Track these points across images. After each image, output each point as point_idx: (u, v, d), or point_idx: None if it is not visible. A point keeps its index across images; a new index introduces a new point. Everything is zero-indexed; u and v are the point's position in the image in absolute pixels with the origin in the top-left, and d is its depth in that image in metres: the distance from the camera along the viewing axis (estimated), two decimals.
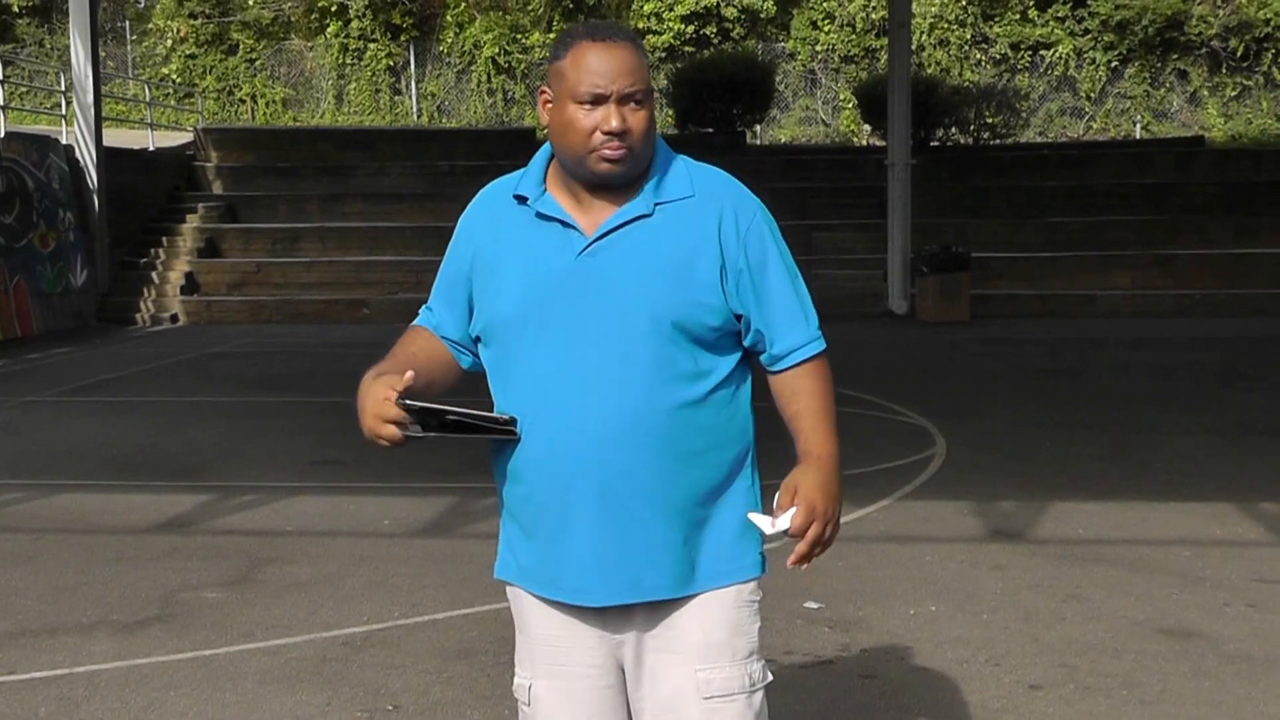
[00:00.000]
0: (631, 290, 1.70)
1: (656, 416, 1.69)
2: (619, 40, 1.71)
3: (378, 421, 1.68)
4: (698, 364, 1.73)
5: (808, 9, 21.92)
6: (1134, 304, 13.47)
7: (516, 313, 1.74)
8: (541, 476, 1.73)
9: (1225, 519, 5.10)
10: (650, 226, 1.73)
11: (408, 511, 5.42)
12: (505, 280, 1.76)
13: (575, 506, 1.71)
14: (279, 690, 3.39)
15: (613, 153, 1.69)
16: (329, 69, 22.26)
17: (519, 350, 1.75)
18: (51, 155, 13.65)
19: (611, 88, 1.68)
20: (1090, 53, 21.13)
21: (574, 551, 1.73)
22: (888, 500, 5.40)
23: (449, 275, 1.87)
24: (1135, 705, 3.23)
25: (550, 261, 1.73)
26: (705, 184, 1.78)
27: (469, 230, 1.86)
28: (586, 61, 1.69)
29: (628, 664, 1.80)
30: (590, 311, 1.71)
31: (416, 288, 14.62)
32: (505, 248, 1.78)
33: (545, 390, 1.72)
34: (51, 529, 5.18)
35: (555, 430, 1.71)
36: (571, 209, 1.75)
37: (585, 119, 1.69)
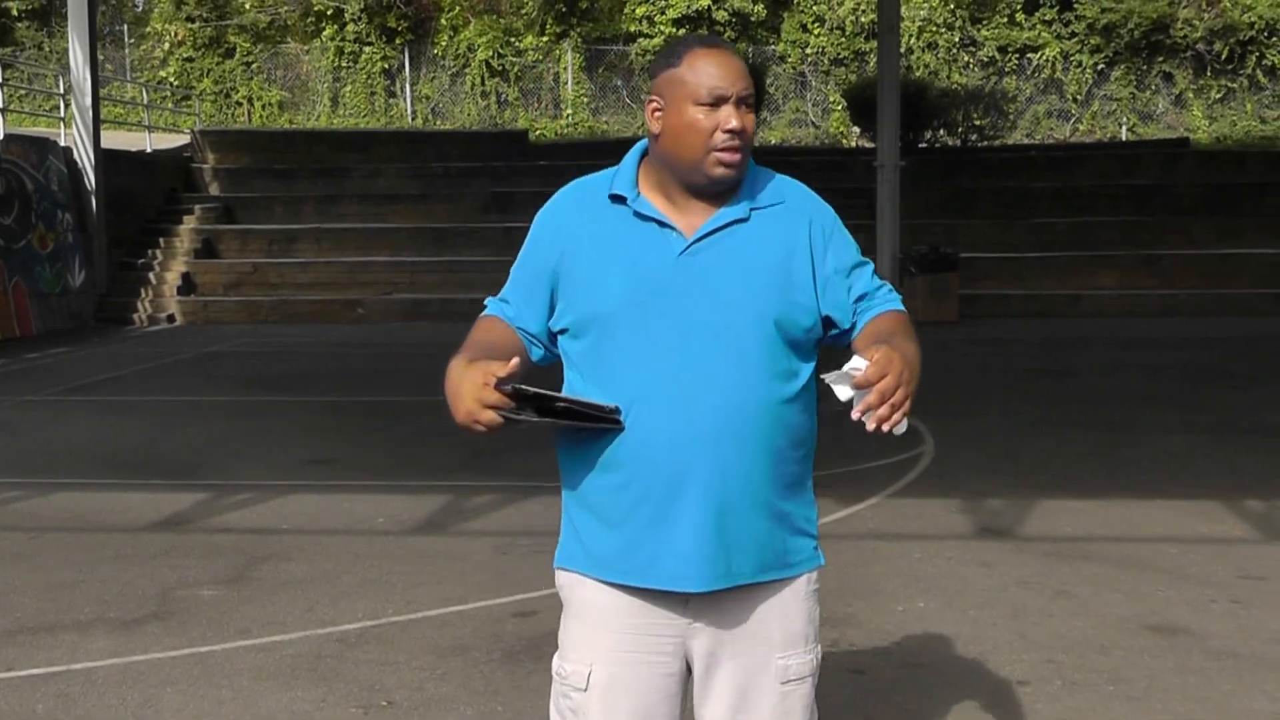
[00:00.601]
0: (736, 289, 1.78)
1: (760, 412, 1.77)
2: (729, 48, 1.84)
3: (478, 406, 1.68)
4: (790, 364, 1.82)
5: (798, 12, 21.98)
6: (1120, 304, 13.53)
7: (619, 307, 1.78)
8: (647, 466, 1.77)
9: (1211, 516, 5.13)
10: (748, 230, 1.82)
11: (402, 509, 5.44)
12: (605, 276, 1.80)
13: (682, 495, 1.76)
14: (274, 686, 3.41)
15: (730, 155, 1.78)
16: (324, 72, 22.28)
17: (619, 343, 1.79)
18: (50, 157, 13.67)
19: (731, 89, 1.77)
20: (1077, 55, 21.22)
21: (676, 539, 1.77)
22: (877, 498, 5.44)
23: (531, 270, 1.89)
24: (1122, 701, 3.26)
25: (651, 260, 1.79)
26: (792, 192, 1.89)
27: (555, 227, 1.88)
28: (705, 66, 1.79)
29: (699, 652, 1.84)
30: (696, 308, 1.77)
31: (411, 288, 14.66)
32: (603, 245, 1.82)
33: (652, 382, 1.76)
34: (50, 527, 5.20)
35: (666, 421, 1.76)
36: (668, 211, 1.82)
37: (706, 120, 1.77)
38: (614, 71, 22.14)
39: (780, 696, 1.85)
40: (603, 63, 22.19)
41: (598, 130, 21.51)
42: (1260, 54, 20.73)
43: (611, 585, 1.83)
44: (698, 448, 1.76)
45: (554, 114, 21.97)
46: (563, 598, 1.91)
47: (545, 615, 3.97)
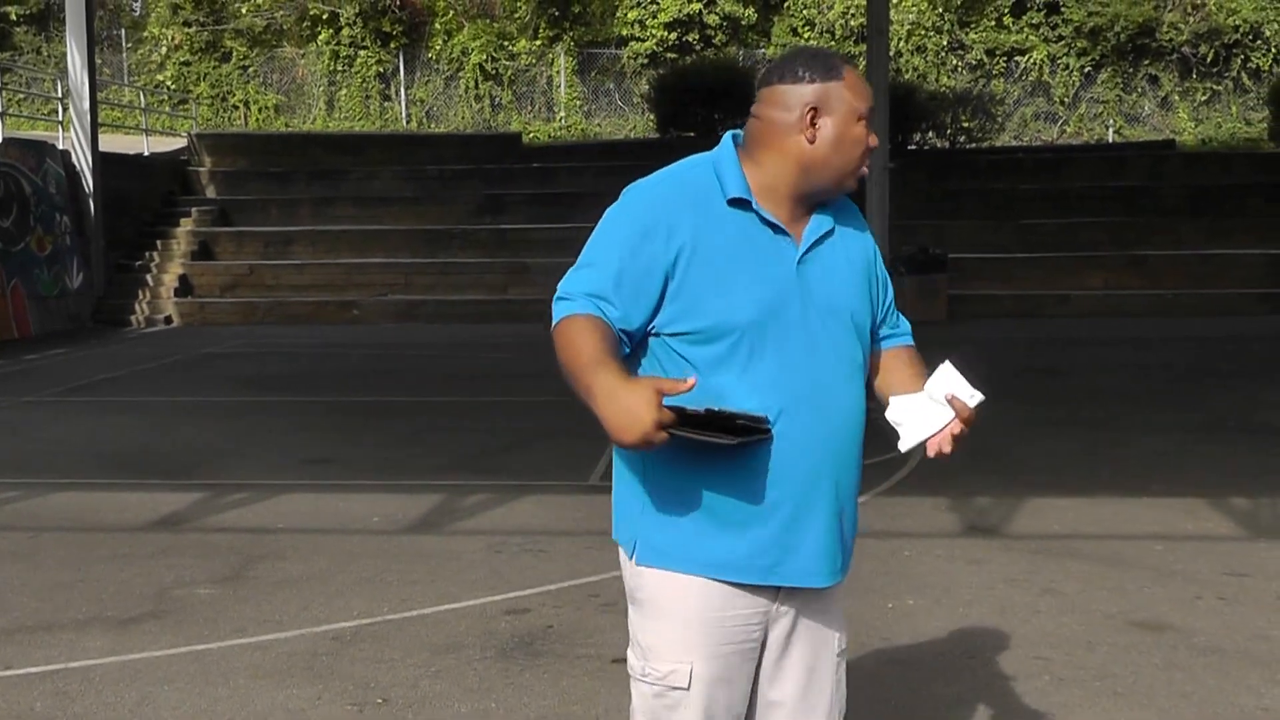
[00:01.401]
0: (840, 298, 1.87)
1: (861, 413, 1.89)
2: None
3: (655, 429, 1.61)
4: (867, 367, 1.95)
5: (788, 16, 22.04)
6: (1107, 304, 13.60)
7: (757, 316, 1.79)
8: (788, 472, 1.81)
9: (1197, 514, 5.16)
10: (836, 241, 1.90)
11: (397, 509, 5.47)
12: (738, 283, 1.79)
13: (817, 499, 1.84)
14: (270, 684, 3.43)
15: (866, 170, 1.89)
16: (320, 75, 22.31)
17: (758, 353, 1.79)
18: (48, 160, 13.69)
19: (869, 108, 1.88)
20: (1064, 59, 21.31)
21: (810, 540, 1.85)
22: (866, 496, 5.45)
23: (640, 265, 1.77)
24: (1109, 697, 3.28)
25: (777, 267, 1.83)
26: (850, 205, 1.97)
27: (669, 222, 1.78)
28: (862, 85, 1.88)
29: (776, 636, 1.90)
30: (816, 317, 1.84)
31: (406, 289, 14.69)
32: (730, 247, 1.80)
33: (795, 392, 1.81)
34: (48, 527, 5.22)
35: (808, 430, 1.82)
36: (780, 216, 1.86)
37: (866, 135, 1.86)
38: (606, 75, 22.17)
39: (835, 668, 1.96)
40: (595, 66, 22.22)
41: (590, 133, 21.54)
42: (1245, 57, 20.84)
43: (716, 582, 1.84)
44: (826, 452, 1.84)
45: (547, 117, 22.00)
46: (640, 598, 1.88)
47: (538, 613, 4.00)
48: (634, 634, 1.90)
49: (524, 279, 14.61)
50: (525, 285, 14.53)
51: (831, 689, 1.95)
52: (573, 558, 4.63)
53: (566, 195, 15.77)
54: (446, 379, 9.76)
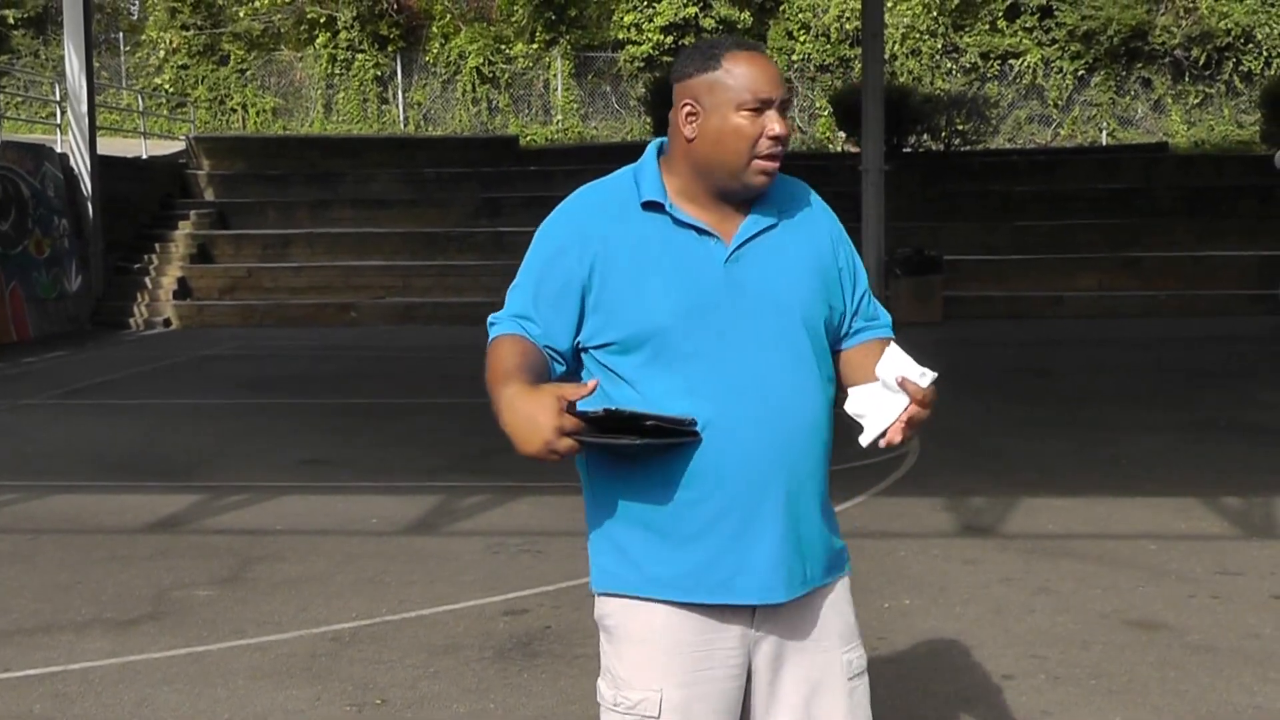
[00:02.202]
0: (784, 295, 1.74)
1: (820, 417, 1.77)
2: (763, 51, 1.76)
3: (557, 436, 1.56)
4: (830, 367, 1.82)
5: (784, 20, 22.09)
6: (1101, 305, 13.64)
7: (673, 320, 1.70)
8: (727, 480, 1.71)
9: (1190, 513, 5.18)
10: (779, 235, 1.77)
11: (395, 510, 5.48)
12: (650, 288, 1.71)
13: (763, 507, 1.72)
14: (269, 685, 3.44)
15: (771, 163, 1.72)
16: (318, 79, 22.32)
17: (679, 357, 1.71)
18: (47, 164, 13.70)
19: (773, 94, 1.70)
20: (1058, 62, 21.38)
21: (760, 552, 1.72)
22: (862, 497, 5.48)
23: (556, 283, 1.76)
24: (1103, 695, 3.30)
25: (698, 267, 1.72)
26: (805, 195, 1.85)
27: (581, 236, 1.76)
28: (748, 69, 1.70)
29: (763, 661, 1.79)
30: (750, 317, 1.72)
31: (403, 292, 14.70)
32: (643, 255, 1.73)
33: (726, 395, 1.70)
34: (47, 529, 5.23)
35: (744, 434, 1.70)
36: (702, 217, 1.75)
37: (750, 126, 1.69)
38: (603, 78, 22.20)
39: (849, 692, 1.81)
40: (592, 69, 22.25)
41: (587, 136, 21.57)
42: (1237, 60, 20.92)
43: (675, 605, 1.75)
44: (773, 458, 1.72)
45: (544, 120, 22.03)
46: (608, 625, 1.80)
47: (535, 614, 4.02)
48: (604, 662, 1.83)
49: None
50: None
51: (846, 714, 1.80)
52: (570, 558, 4.65)
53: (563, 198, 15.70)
54: (444, 380, 9.77)
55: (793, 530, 1.74)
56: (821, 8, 21.86)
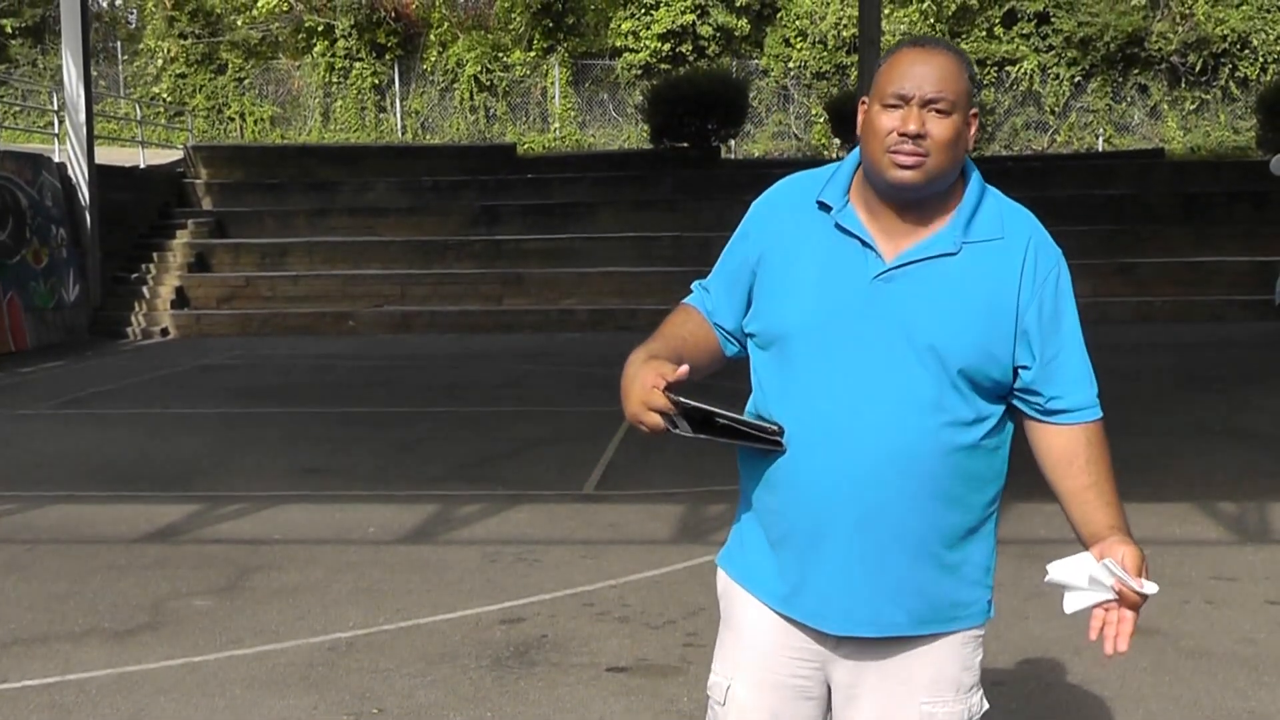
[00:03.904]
0: (924, 328, 1.62)
1: (927, 458, 1.63)
2: (938, 49, 1.67)
3: (643, 408, 1.59)
4: (976, 411, 1.66)
5: (781, 27, 22.17)
6: (1097, 310, 13.64)
7: (804, 325, 1.67)
8: (798, 495, 1.67)
9: (1184, 518, 5.20)
10: (954, 266, 1.65)
11: (392, 519, 5.49)
12: (797, 288, 1.68)
13: (829, 534, 1.65)
14: (267, 695, 3.44)
15: (904, 157, 1.62)
16: (316, 87, 22.37)
17: (798, 362, 1.67)
18: (44, 173, 13.72)
19: (915, 91, 1.62)
20: (1054, 68, 21.46)
21: (820, 576, 1.67)
22: None
23: (733, 263, 1.77)
24: (1096, 700, 3.31)
25: (845, 279, 1.66)
26: (1015, 226, 1.70)
27: (762, 223, 1.76)
28: (898, 65, 1.65)
29: (840, 683, 1.74)
30: (878, 340, 1.63)
31: (402, 300, 14.72)
32: (802, 253, 1.70)
33: (818, 410, 1.64)
34: (43, 539, 5.23)
35: (820, 454, 1.64)
36: (872, 227, 1.68)
37: (884, 120, 1.63)
38: (600, 86, 22.26)
39: None
40: (589, 77, 22.31)
41: (585, 143, 21.63)
42: (1233, 66, 21.01)
43: (760, 602, 1.75)
44: (846, 488, 1.63)
45: (542, 128, 22.07)
46: (718, 598, 1.82)
47: (532, 622, 4.03)
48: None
49: (519, 289, 14.66)
50: (520, 296, 14.58)
51: None
52: (567, 567, 4.66)
53: (561, 206, 15.82)
54: (441, 389, 9.78)
55: (865, 566, 1.65)
56: (819, 15, 21.94)
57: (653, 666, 3.64)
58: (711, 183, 15.63)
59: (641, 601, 4.22)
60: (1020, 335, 1.67)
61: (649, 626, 3.97)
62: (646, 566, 4.63)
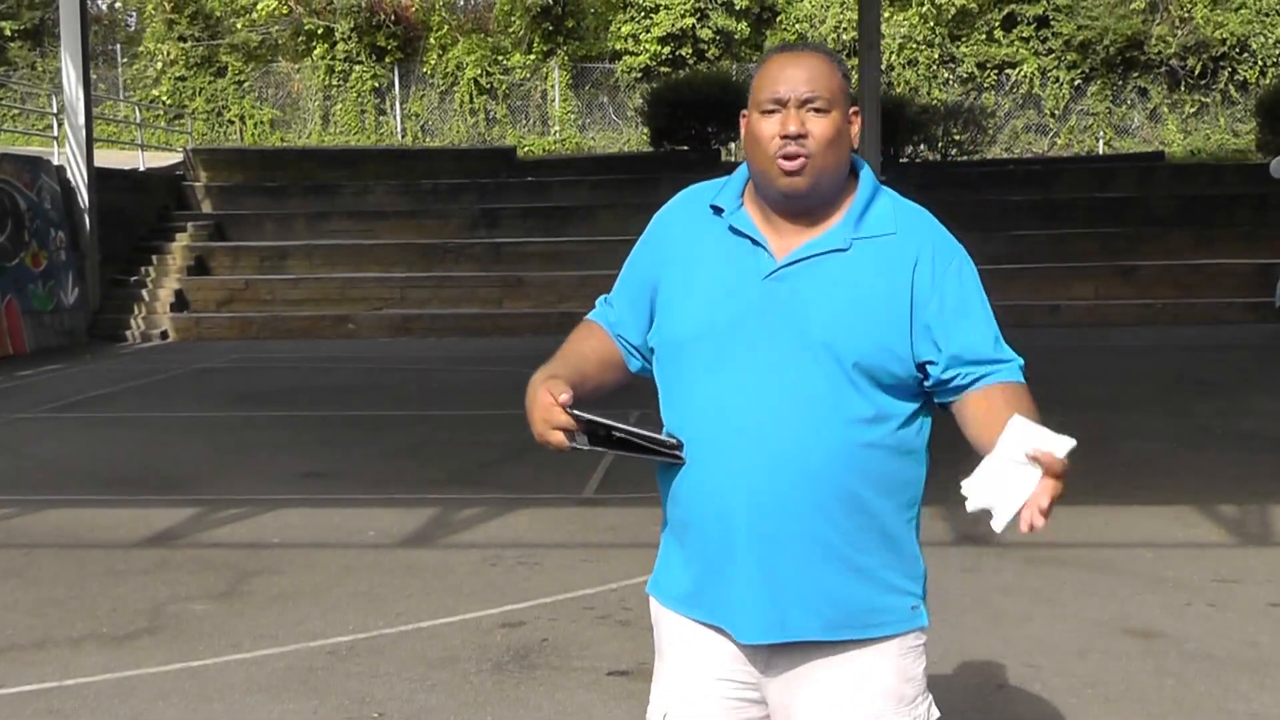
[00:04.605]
0: (816, 324, 1.60)
1: (826, 459, 1.60)
2: (808, 51, 1.68)
3: (545, 427, 1.61)
4: (877, 408, 1.63)
5: (780, 30, 22.20)
6: (1097, 313, 13.68)
7: (699, 330, 1.65)
8: (702, 505, 1.65)
9: (1186, 521, 5.20)
10: (845, 261, 1.63)
11: (391, 522, 5.48)
12: (692, 294, 1.67)
13: (734, 542, 1.63)
14: (266, 699, 3.43)
15: (789, 162, 1.61)
16: (315, 90, 22.38)
17: (695, 369, 1.65)
18: (43, 176, 13.71)
19: (790, 93, 1.62)
20: (1054, 71, 21.49)
21: (730, 585, 1.65)
22: None
23: (635, 276, 1.77)
24: (1100, 704, 3.31)
25: (737, 281, 1.64)
26: (909, 221, 1.68)
27: (660, 234, 1.75)
28: (770, 70, 1.66)
29: (775, 703, 1.70)
30: (771, 340, 1.61)
31: (401, 303, 14.72)
32: (697, 260, 1.68)
33: (715, 415, 1.62)
34: (42, 543, 5.22)
35: (720, 461, 1.62)
36: (764, 228, 1.67)
37: (765, 126, 1.63)
38: (600, 89, 22.27)
39: None
40: (589, 80, 22.32)
41: (584, 147, 21.63)
42: (1232, 69, 21.05)
43: (689, 620, 1.73)
44: (746, 494, 1.61)
45: (541, 131, 22.08)
46: (654, 626, 1.81)
47: (533, 626, 4.01)
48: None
49: (519, 292, 14.66)
50: (520, 299, 14.57)
51: None
52: (568, 570, 4.65)
53: (561, 209, 15.83)
54: (441, 392, 9.78)
55: (767, 571, 1.62)
56: (819, 18, 21.97)
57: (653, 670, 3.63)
58: None
59: (642, 605, 4.19)
60: (920, 330, 1.64)
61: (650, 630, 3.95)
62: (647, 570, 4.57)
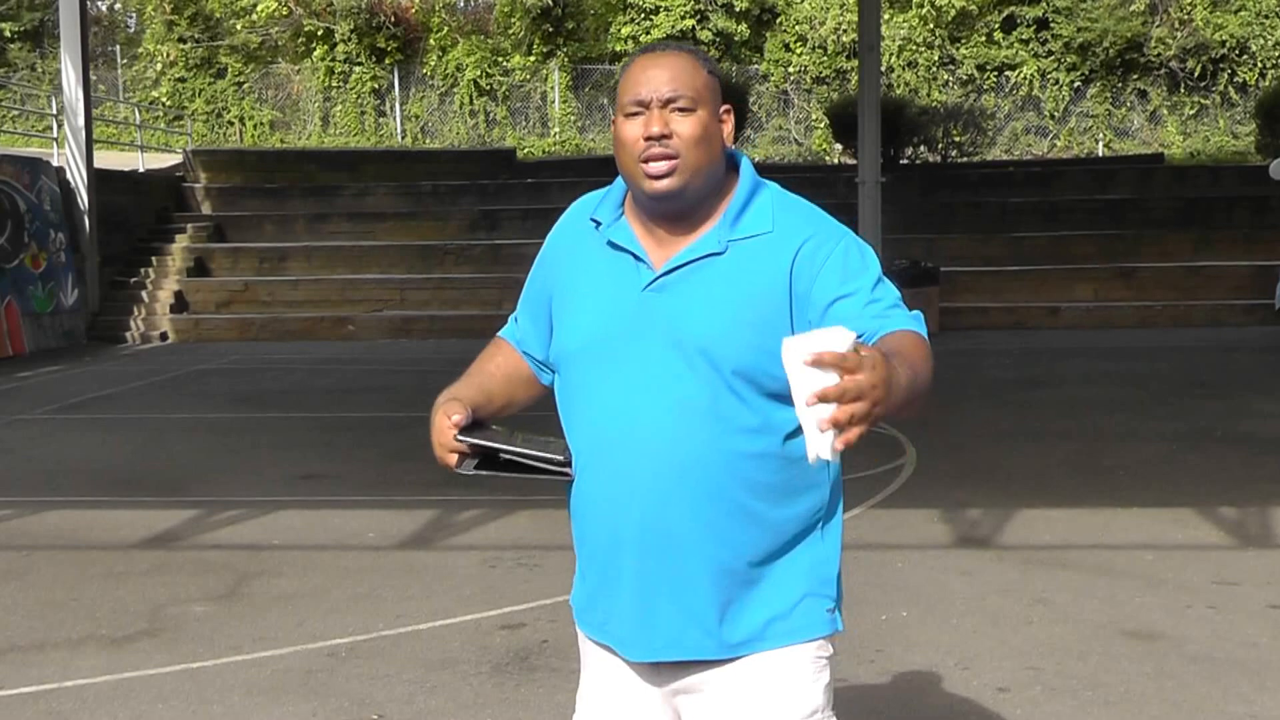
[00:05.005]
0: (693, 332, 1.56)
1: (710, 470, 1.56)
2: (669, 50, 1.63)
3: (442, 450, 1.62)
4: (762, 417, 1.57)
5: (780, 32, 22.21)
6: (1097, 315, 13.69)
7: (583, 346, 1.63)
8: (593, 520, 1.63)
9: (1186, 523, 5.20)
10: (721, 265, 1.59)
11: (391, 524, 5.48)
12: (577, 309, 1.65)
13: (623, 557, 1.60)
14: (266, 701, 3.43)
15: (654, 164, 1.57)
16: (315, 92, 22.38)
17: (582, 384, 1.64)
18: (43, 177, 13.71)
19: (652, 94, 1.58)
20: (1054, 73, 21.51)
21: (621, 601, 1.62)
22: (859, 509, 5.48)
23: (532, 292, 1.76)
24: (1100, 706, 3.31)
25: (618, 294, 1.61)
26: (787, 218, 1.62)
27: (553, 249, 1.74)
28: (632, 73, 1.61)
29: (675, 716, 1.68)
30: (650, 352, 1.58)
31: (401, 305, 14.72)
32: (582, 274, 1.67)
33: (600, 430, 1.60)
34: (41, 545, 5.22)
35: (606, 475, 1.60)
36: (644, 239, 1.63)
37: (629, 129, 1.59)
38: (600, 90, 22.27)
39: None
40: (589, 82, 22.32)
41: (584, 148, 21.63)
42: (1232, 71, 21.07)
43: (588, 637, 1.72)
44: (631, 509, 1.58)
45: (541, 132, 22.08)
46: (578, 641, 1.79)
47: (533, 628, 4.01)
48: None
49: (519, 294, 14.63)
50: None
51: None
52: (567, 572, 4.61)
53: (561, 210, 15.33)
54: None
55: (654, 587, 1.59)
56: (818, 20, 21.97)
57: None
58: None
59: None
60: (800, 307, 1.57)
61: None
62: None
